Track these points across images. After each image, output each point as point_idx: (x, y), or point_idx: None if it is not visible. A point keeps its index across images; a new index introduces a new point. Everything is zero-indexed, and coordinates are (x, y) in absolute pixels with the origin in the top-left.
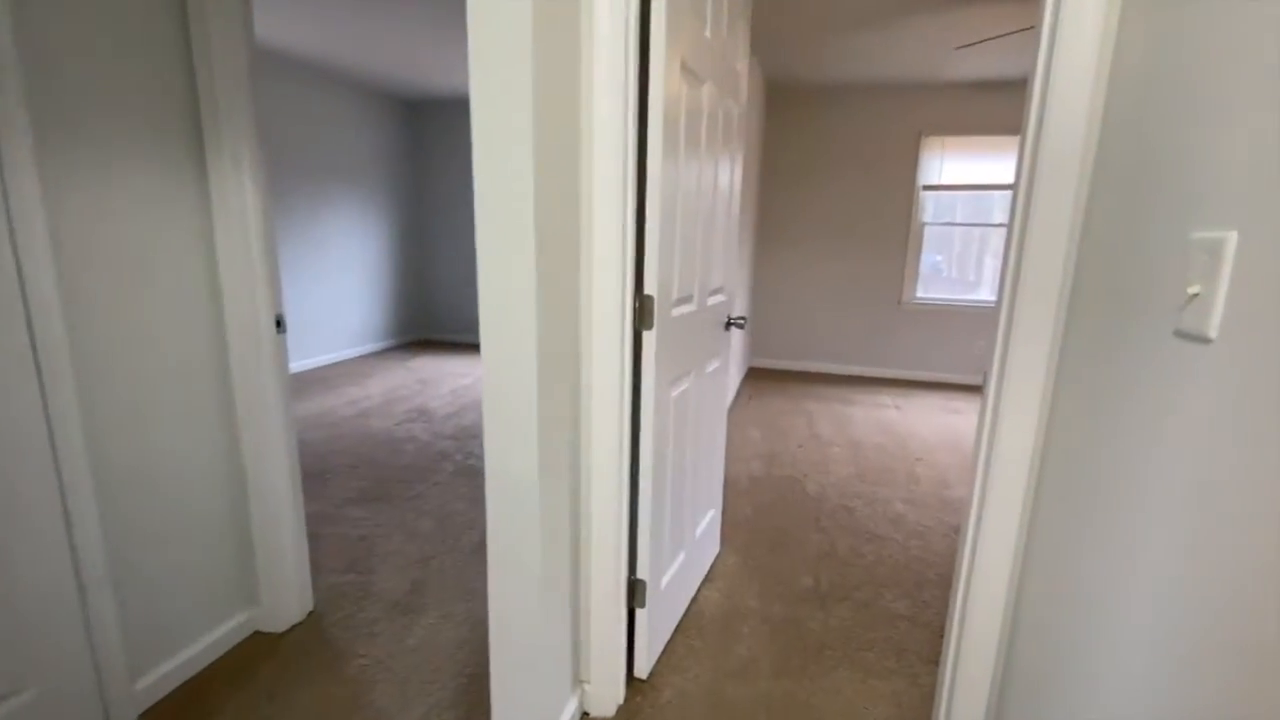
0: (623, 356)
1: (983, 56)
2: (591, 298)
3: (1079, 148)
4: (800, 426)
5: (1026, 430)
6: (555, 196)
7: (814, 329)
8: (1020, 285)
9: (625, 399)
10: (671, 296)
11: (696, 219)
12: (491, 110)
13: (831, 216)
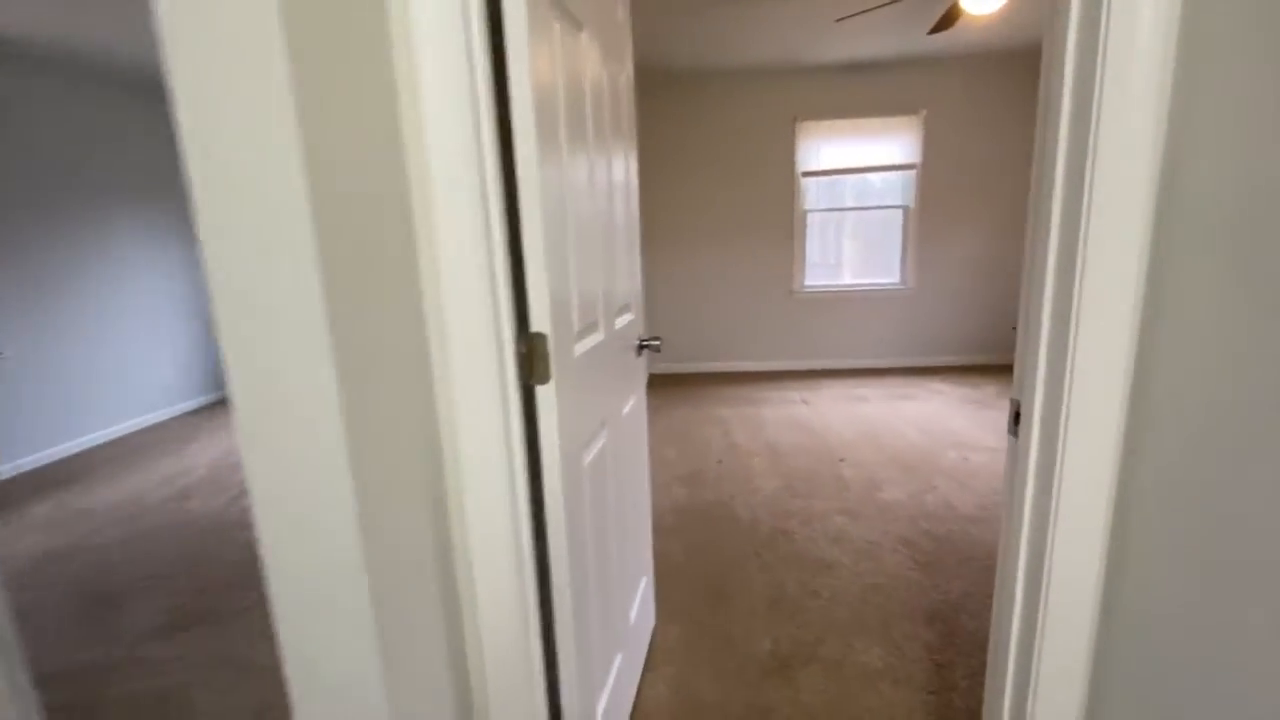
0: (507, 425)
1: (855, 36)
2: (446, 348)
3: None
4: (716, 437)
5: (1100, 463)
6: (350, 202)
7: (711, 327)
8: (1084, 282)
9: (519, 485)
10: (573, 328)
11: (593, 221)
12: (210, 66)
13: (715, 208)
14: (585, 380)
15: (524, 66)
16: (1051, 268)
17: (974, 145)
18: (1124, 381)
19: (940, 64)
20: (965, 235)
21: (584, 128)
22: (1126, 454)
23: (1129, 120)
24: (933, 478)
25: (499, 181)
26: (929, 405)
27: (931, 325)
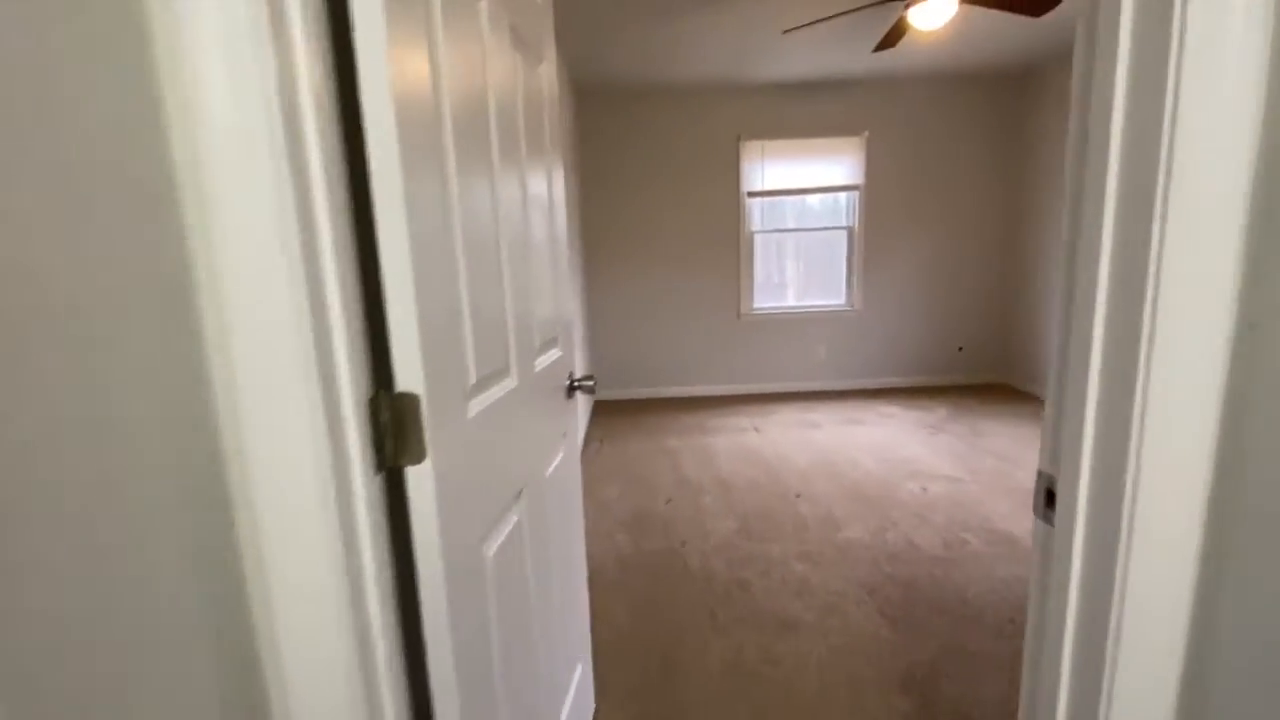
0: (348, 535)
1: (799, 55)
2: (239, 427)
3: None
4: (664, 471)
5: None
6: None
7: (657, 351)
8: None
9: (373, 616)
10: (465, 380)
11: (500, 246)
12: None
13: (661, 228)
14: (486, 445)
15: (378, 48)
16: (1101, 311)
17: (915, 167)
18: (1209, 458)
19: (883, 85)
20: (908, 256)
21: (483, 131)
22: (1208, 556)
23: (1217, 115)
24: (892, 512)
25: (336, 191)
26: (882, 430)
27: (878, 347)
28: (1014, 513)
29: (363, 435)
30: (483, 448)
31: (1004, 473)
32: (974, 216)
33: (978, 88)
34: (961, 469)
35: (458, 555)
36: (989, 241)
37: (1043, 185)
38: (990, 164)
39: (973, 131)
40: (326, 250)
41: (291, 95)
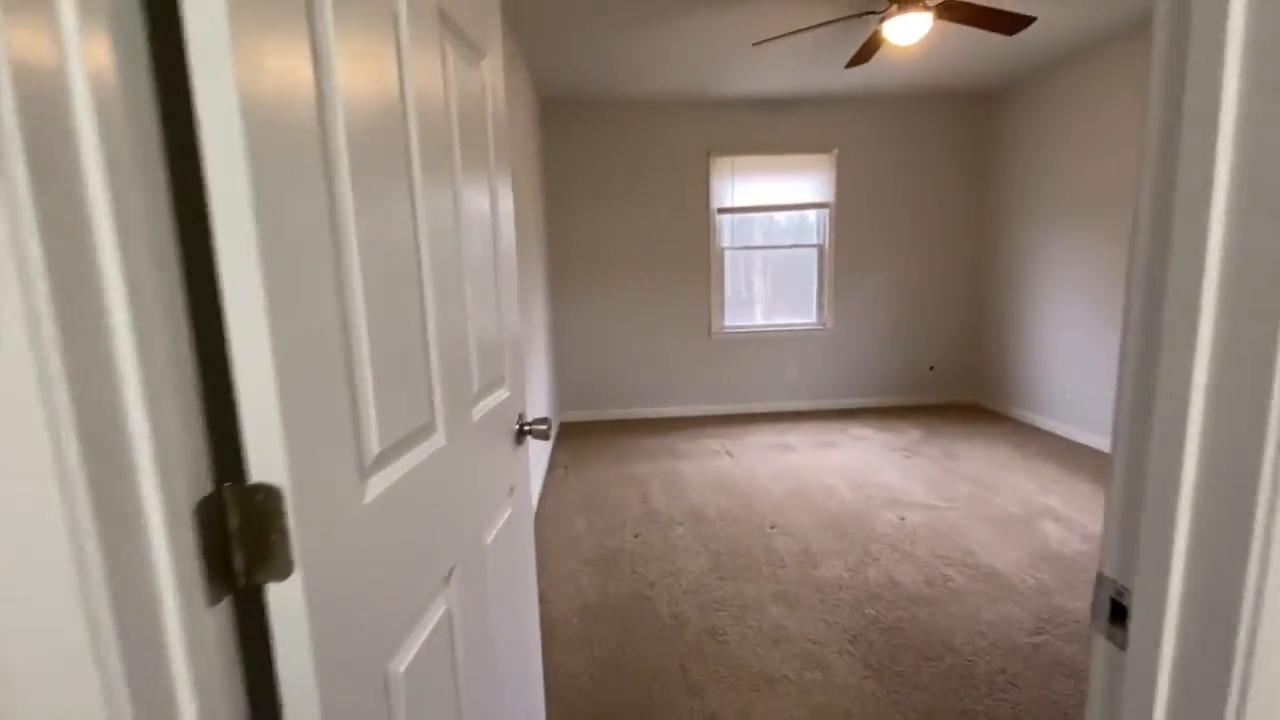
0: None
1: (768, 71)
2: None
3: None
4: (633, 501)
5: None
6: None
7: (627, 371)
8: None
9: None
10: (363, 455)
11: (418, 277)
12: None
13: (630, 244)
14: (396, 531)
15: (216, 31)
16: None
17: (885, 185)
18: None
19: (853, 103)
20: (879, 275)
21: (397, 141)
22: None
23: None
24: (870, 545)
25: (137, 225)
26: (855, 454)
27: (850, 366)
28: (994, 543)
29: (186, 555)
30: (390, 535)
31: (981, 499)
32: (944, 235)
33: (948, 106)
34: (938, 495)
35: (347, 689)
36: (959, 260)
37: (1012, 204)
38: (960, 182)
39: (943, 150)
40: (118, 305)
41: (52, 90)
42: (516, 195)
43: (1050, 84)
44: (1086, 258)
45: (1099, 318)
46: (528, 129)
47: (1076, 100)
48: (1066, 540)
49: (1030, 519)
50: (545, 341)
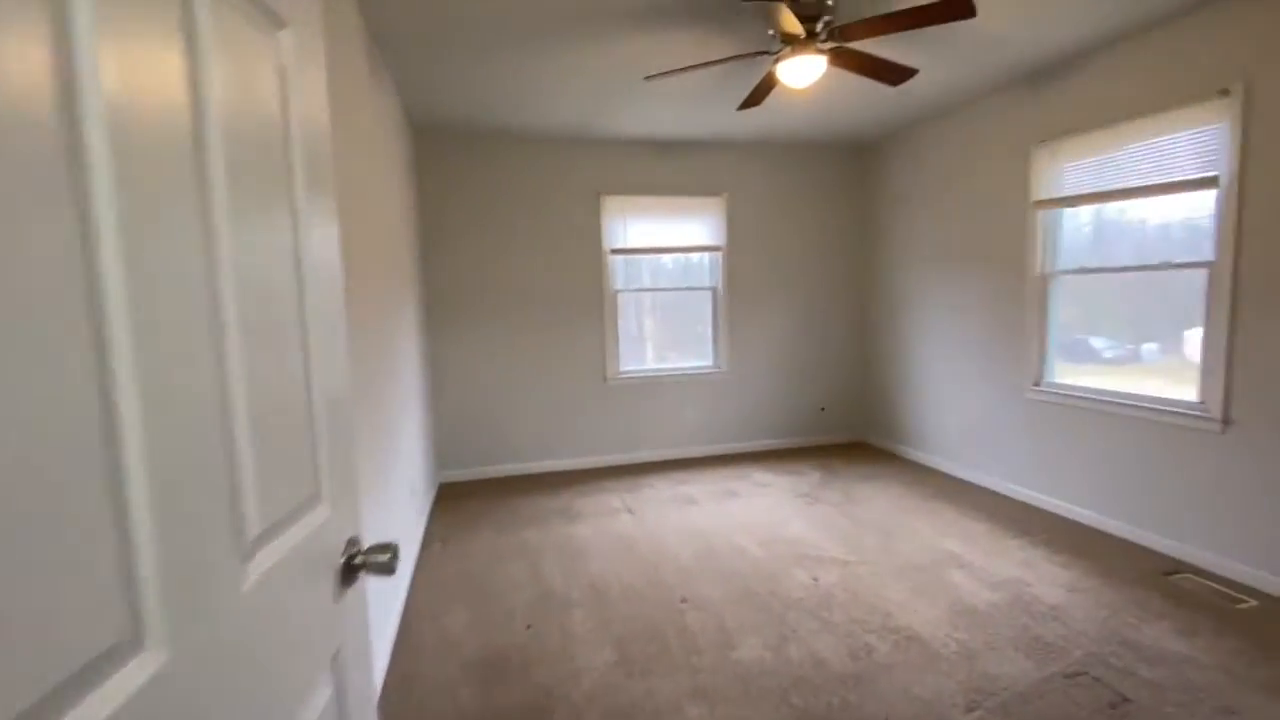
0: None
1: (659, 111)
2: None
3: None
4: (523, 580)
5: None
6: None
7: (516, 422)
8: None
9: None
10: None
11: (79, 369)
12: None
13: (517, 286)
14: None
15: None
16: None
17: (774, 229)
18: None
19: (743, 149)
20: (772, 317)
21: (58, 139)
22: None
23: None
24: (788, 614)
25: None
26: (759, 503)
27: (746, 409)
28: (909, 600)
29: None
30: None
31: (887, 548)
32: (832, 278)
33: (833, 155)
34: (846, 547)
35: None
36: (846, 303)
37: (893, 250)
38: (846, 228)
39: (829, 197)
40: None
41: None
42: (385, 233)
43: (927, 135)
44: (966, 303)
45: (975, 359)
46: (398, 156)
47: (950, 152)
48: (976, 591)
49: (937, 568)
50: (420, 396)
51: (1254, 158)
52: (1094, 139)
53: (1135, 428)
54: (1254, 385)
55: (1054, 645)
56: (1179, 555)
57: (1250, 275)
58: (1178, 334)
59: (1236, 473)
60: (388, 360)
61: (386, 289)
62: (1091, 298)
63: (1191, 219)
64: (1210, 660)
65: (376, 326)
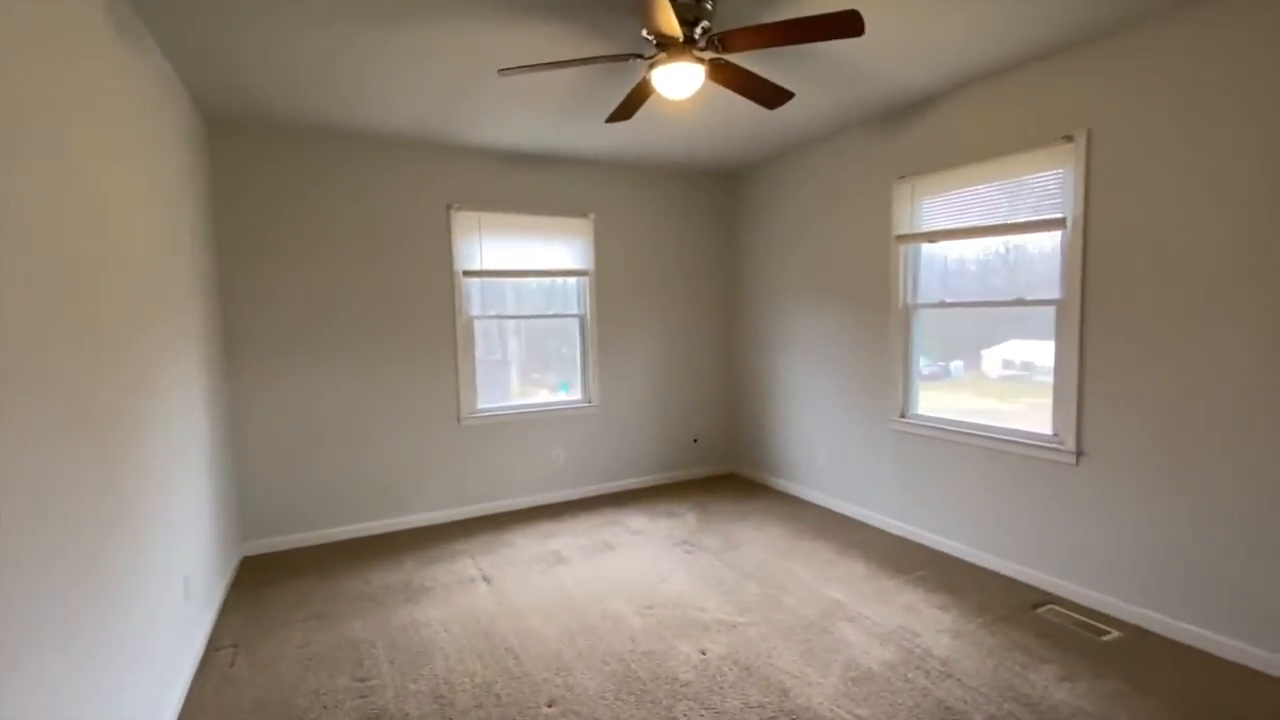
0: None
1: (520, 120)
2: None
3: None
4: (343, 696)
5: None
6: None
7: (344, 476)
8: None
9: None
10: None
11: None
12: None
13: (346, 313)
14: None
15: None
16: None
17: (644, 256)
18: None
19: (610, 168)
20: (643, 348)
21: None
22: None
23: None
24: (676, 707)
25: None
26: (636, 557)
27: (618, 446)
28: (803, 668)
29: None
30: None
31: (774, 601)
32: (703, 306)
33: (701, 179)
34: (731, 605)
35: None
36: (716, 332)
37: (761, 278)
38: (715, 255)
39: (699, 222)
40: None
41: None
42: (159, 247)
43: (795, 165)
44: (833, 333)
45: (842, 390)
46: (165, 146)
47: (817, 183)
48: (868, 648)
49: (825, 623)
50: (207, 452)
51: (1096, 202)
52: (949, 177)
53: (995, 460)
54: (1103, 418)
55: (954, 710)
56: (1044, 586)
57: (1096, 313)
58: (977, 353)
59: (1090, 503)
60: (167, 409)
61: (168, 320)
62: (929, 324)
63: (1045, 255)
64: (1097, 708)
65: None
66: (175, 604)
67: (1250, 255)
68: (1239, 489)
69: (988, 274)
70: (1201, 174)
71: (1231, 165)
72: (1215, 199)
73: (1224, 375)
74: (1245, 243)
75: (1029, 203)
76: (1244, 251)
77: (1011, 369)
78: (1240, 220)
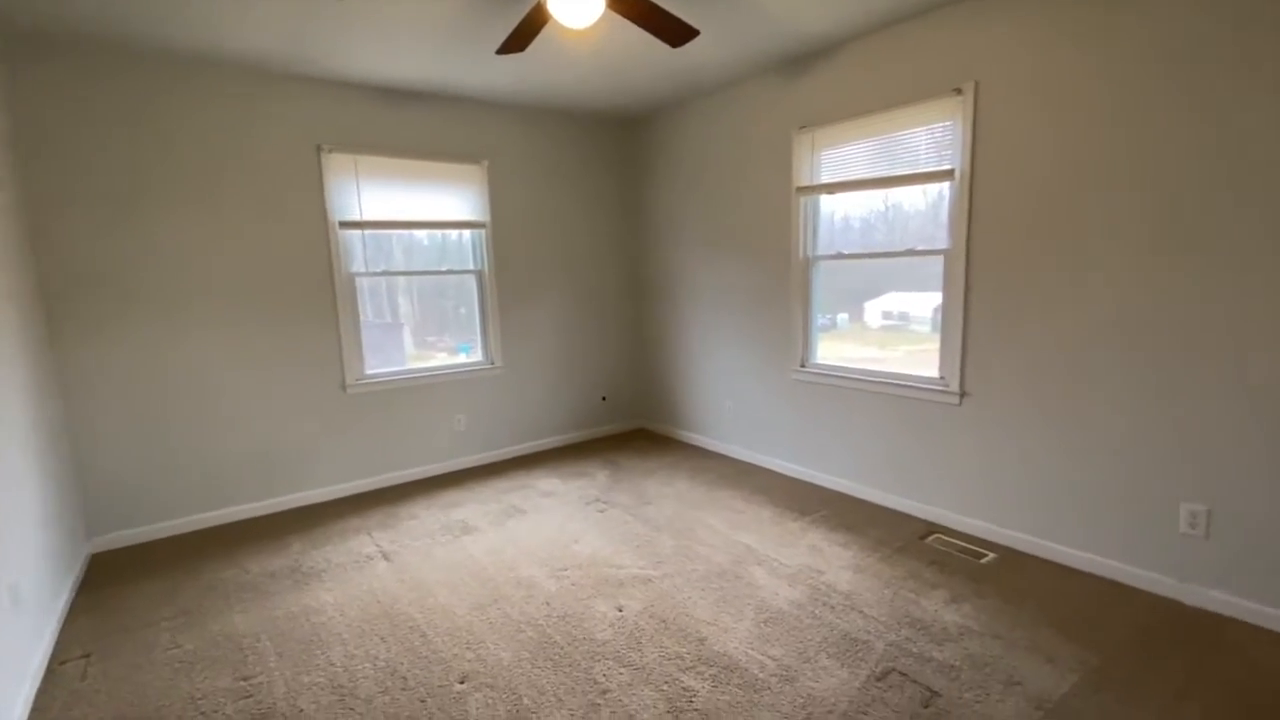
0: None
1: (401, 49)
2: None
3: None
4: (222, 700)
5: None
6: None
7: (207, 456)
8: None
9: None
10: None
11: None
12: None
13: (203, 272)
14: None
15: None
16: None
17: (545, 206)
18: None
19: (504, 110)
20: (545, 304)
21: None
22: None
23: None
24: (595, 668)
25: None
26: (549, 520)
27: (524, 408)
28: (718, 616)
29: None
30: None
31: (687, 552)
32: (607, 259)
33: (604, 125)
34: (645, 559)
35: None
36: (621, 288)
37: (665, 229)
38: (618, 206)
39: (601, 171)
40: None
41: None
42: None
43: (697, 112)
44: (736, 285)
45: (746, 341)
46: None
47: (719, 131)
48: (777, 589)
49: (737, 569)
50: (35, 437)
51: (982, 154)
52: (848, 128)
53: (886, 403)
54: (985, 361)
55: (858, 641)
56: (930, 518)
57: (980, 262)
58: (860, 305)
59: (971, 439)
60: None
61: None
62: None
63: (920, 212)
64: (981, 626)
65: None
66: (1, 616)
67: (1114, 207)
68: (1104, 422)
69: (869, 230)
70: (1076, 129)
71: (1102, 121)
72: (1089, 154)
73: (1093, 318)
74: (1111, 196)
75: (922, 155)
76: (1109, 203)
77: (890, 319)
78: (1106, 174)
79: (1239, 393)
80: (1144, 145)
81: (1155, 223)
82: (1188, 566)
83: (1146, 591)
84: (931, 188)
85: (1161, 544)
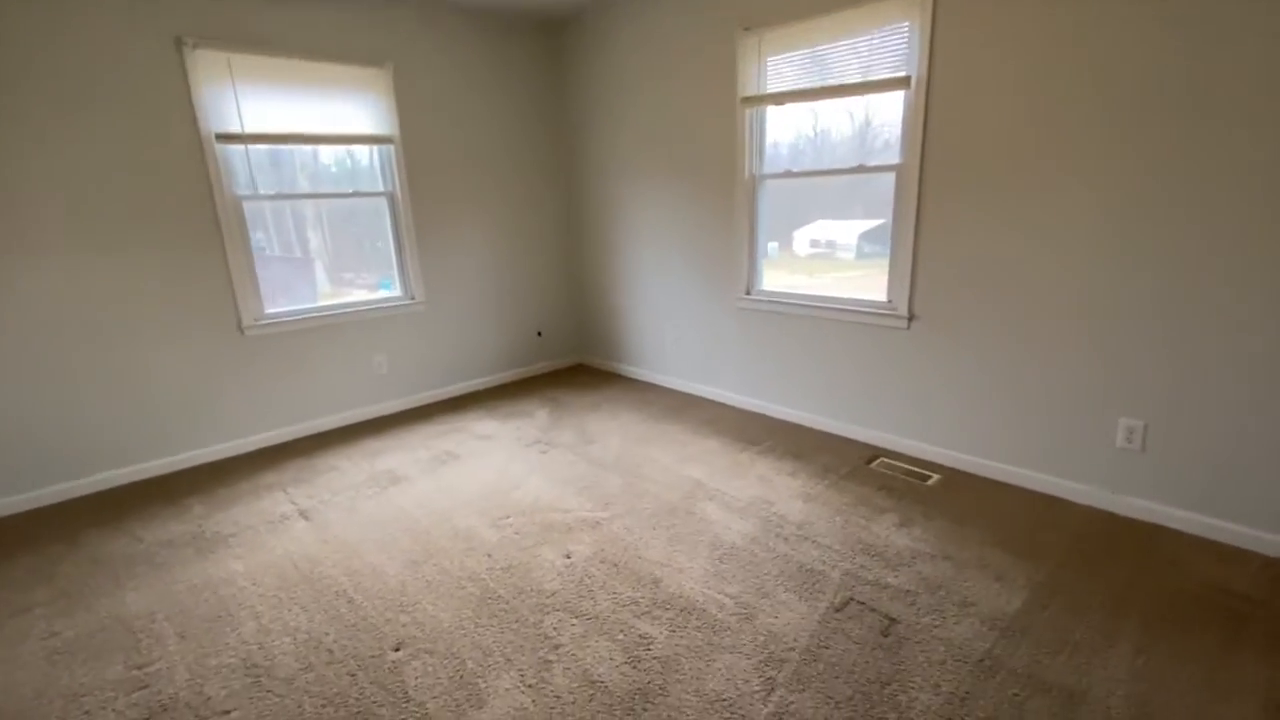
0: None
1: None
2: None
3: None
4: (113, 695)
5: None
6: None
7: (80, 415)
8: None
9: None
10: None
11: None
12: None
13: (54, 195)
14: None
15: None
16: None
17: (464, 120)
18: None
19: (410, 6)
20: (469, 232)
21: None
22: None
23: None
24: (544, 620)
25: None
26: (486, 463)
27: (454, 346)
28: (671, 556)
29: None
30: None
31: (636, 491)
32: (536, 183)
33: (525, 30)
34: (593, 500)
35: None
36: (553, 213)
37: (598, 148)
38: (545, 123)
39: (523, 82)
40: None
41: None
42: None
43: (628, 12)
44: (677, 208)
45: (688, 269)
46: None
47: (655, 34)
48: (729, 523)
49: (688, 504)
50: None
51: (940, 59)
52: (797, 30)
53: (832, 329)
54: (934, 283)
55: (815, 571)
56: (875, 442)
57: (933, 177)
58: (789, 233)
59: (919, 363)
60: None
61: None
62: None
63: (845, 139)
64: (932, 549)
65: None
66: None
67: (1073, 121)
68: (1048, 341)
69: (797, 155)
70: (1044, 36)
71: (1070, 30)
72: (1054, 60)
73: (1044, 238)
74: (1069, 112)
75: (877, 60)
76: (1069, 117)
77: (818, 247)
78: (1068, 89)
79: (1180, 311)
80: (1109, 56)
81: (1117, 141)
82: (1122, 479)
83: (1083, 505)
84: (843, 117)
85: (1099, 458)
